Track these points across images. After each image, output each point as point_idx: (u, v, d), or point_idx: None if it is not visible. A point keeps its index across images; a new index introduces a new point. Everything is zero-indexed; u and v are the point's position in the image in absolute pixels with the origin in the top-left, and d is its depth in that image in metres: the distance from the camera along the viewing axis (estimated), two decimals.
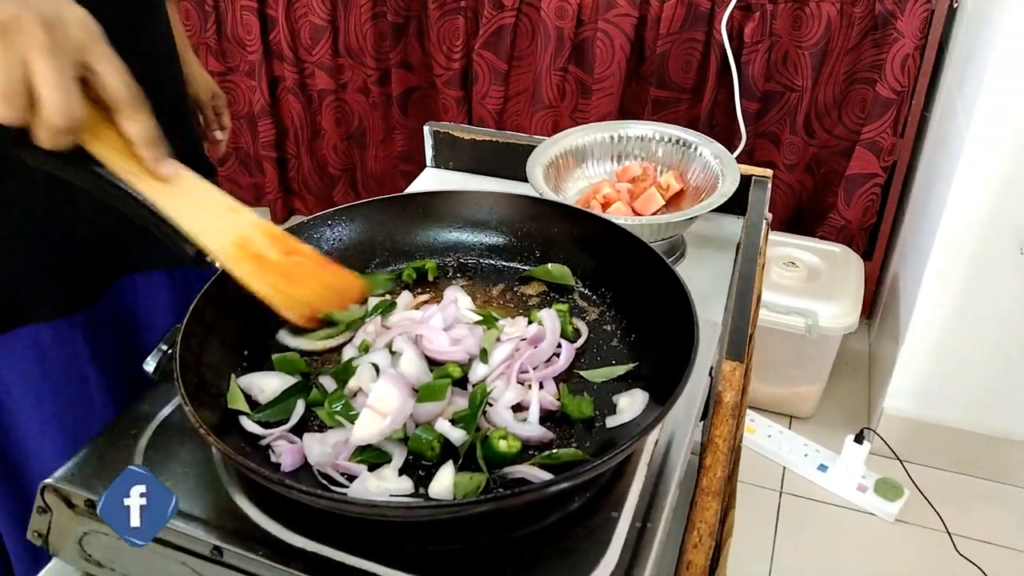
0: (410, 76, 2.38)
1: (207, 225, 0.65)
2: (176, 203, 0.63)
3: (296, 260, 0.71)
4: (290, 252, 0.70)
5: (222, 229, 0.67)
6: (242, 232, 0.68)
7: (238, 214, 0.68)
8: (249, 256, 0.67)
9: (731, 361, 0.80)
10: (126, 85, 0.58)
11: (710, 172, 1.07)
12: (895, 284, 2.09)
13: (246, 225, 0.68)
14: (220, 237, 0.66)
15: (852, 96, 2.02)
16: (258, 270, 0.68)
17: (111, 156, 0.61)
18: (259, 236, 0.69)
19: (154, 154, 0.61)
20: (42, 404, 0.84)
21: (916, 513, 1.82)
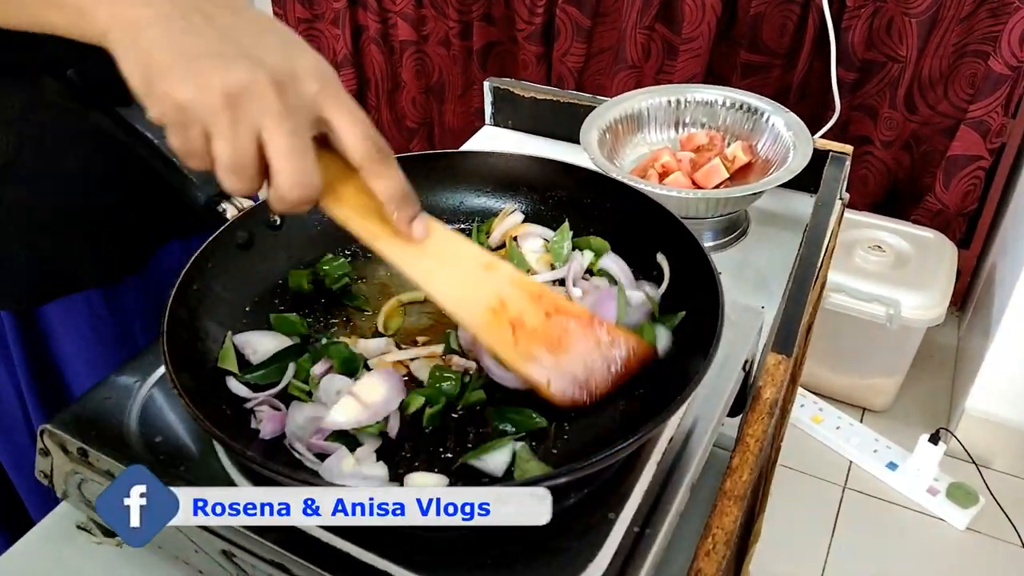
0: (492, 30, 2.32)
1: (456, 289, 0.57)
2: (425, 267, 0.56)
3: (560, 322, 0.59)
4: (554, 311, 0.59)
5: (474, 292, 0.57)
6: (498, 293, 0.58)
7: (494, 272, 0.58)
8: (504, 322, 0.57)
9: (777, 354, 0.74)
10: (367, 138, 0.51)
11: (782, 144, 1.00)
12: (991, 276, 1.95)
13: (503, 285, 0.58)
14: (472, 303, 0.57)
15: (961, 70, 1.86)
16: (512, 338, 0.57)
17: (353, 216, 0.54)
18: (517, 296, 0.58)
19: (405, 214, 0.54)
20: (96, 368, 0.84)
21: (989, 523, 1.70)
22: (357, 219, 0.54)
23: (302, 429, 0.54)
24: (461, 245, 0.59)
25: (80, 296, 0.82)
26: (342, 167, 0.52)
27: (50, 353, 0.84)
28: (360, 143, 0.50)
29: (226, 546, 0.56)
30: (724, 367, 0.66)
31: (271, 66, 0.47)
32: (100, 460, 0.59)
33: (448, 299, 0.56)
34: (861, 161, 2.06)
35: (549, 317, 0.58)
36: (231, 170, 0.48)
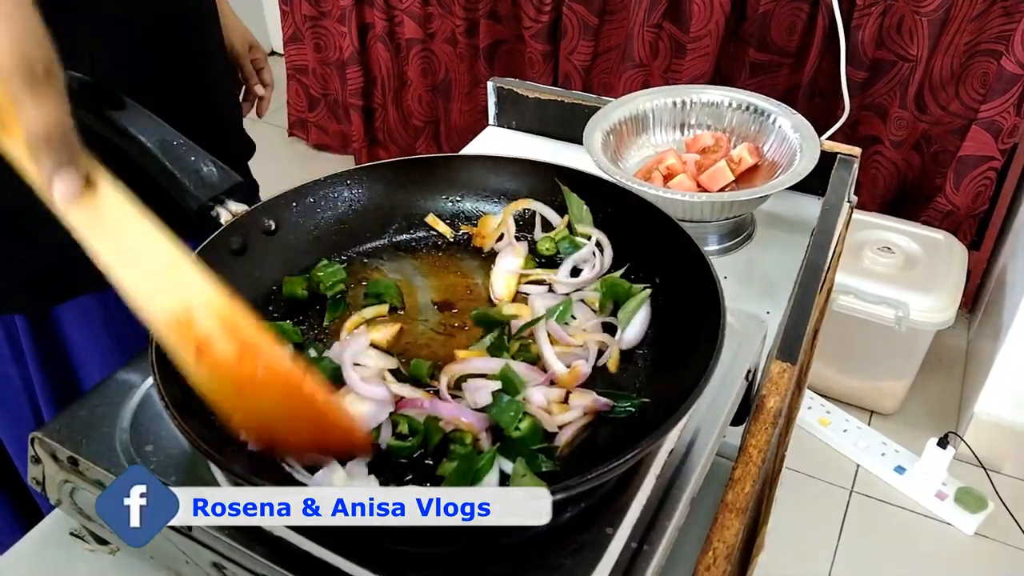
0: (498, 28, 2.31)
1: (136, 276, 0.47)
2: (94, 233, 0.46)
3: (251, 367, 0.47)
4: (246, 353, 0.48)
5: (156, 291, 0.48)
6: (186, 304, 0.47)
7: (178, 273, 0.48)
8: (188, 339, 0.47)
9: (781, 362, 0.73)
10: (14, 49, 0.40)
11: (789, 146, 0.98)
12: (1002, 278, 1.92)
13: (190, 294, 0.48)
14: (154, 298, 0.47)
15: (972, 69, 1.84)
16: (196, 359, 0.48)
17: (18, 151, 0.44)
18: (208, 317, 0.47)
19: (48, 162, 0.43)
20: (109, 367, 0.84)
21: (998, 528, 1.68)
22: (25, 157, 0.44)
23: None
24: (142, 228, 0.47)
25: (94, 296, 0.82)
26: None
27: (63, 353, 0.84)
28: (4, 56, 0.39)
29: (217, 559, 0.55)
30: (727, 376, 0.65)
31: None
32: (90, 469, 0.58)
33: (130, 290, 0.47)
34: (870, 161, 2.04)
35: (242, 357, 0.47)
36: None
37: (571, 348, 0.62)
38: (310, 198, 0.70)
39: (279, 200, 0.69)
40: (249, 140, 1.00)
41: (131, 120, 0.63)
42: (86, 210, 0.45)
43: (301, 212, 0.70)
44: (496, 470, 0.52)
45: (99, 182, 0.46)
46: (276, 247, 0.68)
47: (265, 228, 0.67)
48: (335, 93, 2.76)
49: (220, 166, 0.65)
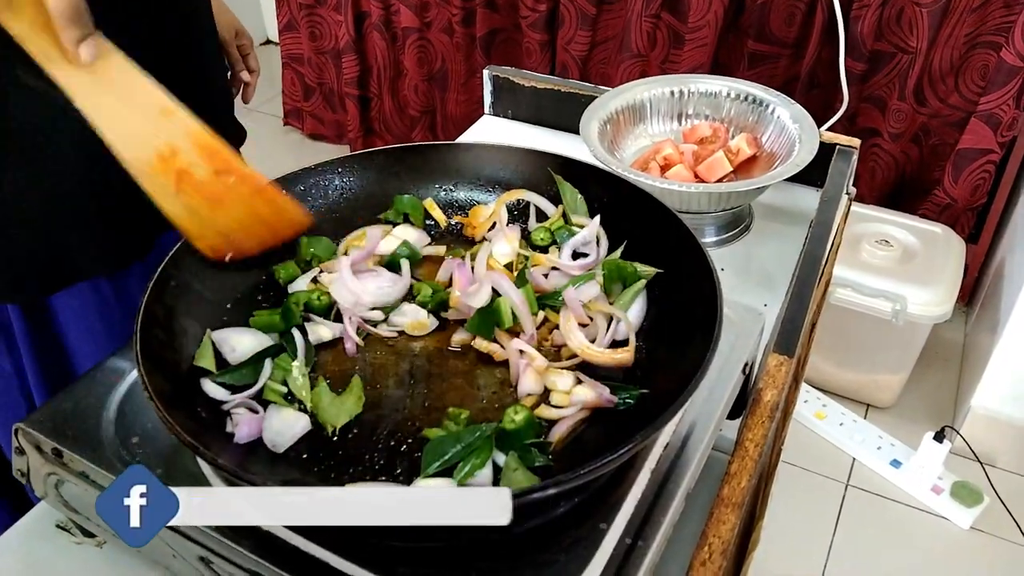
0: (495, 17, 2.29)
1: (127, 127, 0.55)
2: (94, 97, 0.54)
3: (227, 181, 0.59)
4: (224, 171, 0.59)
5: (146, 134, 0.56)
6: (171, 141, 0.57)
7: (171, 118, 0.57)
8: (170, 170, 0.57)
9: (778, 355, 0.72)
10: None
11: (787, 137, 0.97)
12: (1000, 272, 1.91)
13: (178, 132, 0.57)
14: (140, 144, 0.56)
15: (972, 61, 1.83)
16: (175, 187, 0.58)
17: (29, 32, 0.51)
18: (190, 148, 0.58)
19: (74, 33, 0.50)
20: (103, 351, 0.83)
21: (994, 522, 1.68)
22: (33, 36, 0.51)
23: (280, 435, 0.52)
24: (141, 82, 0.56)
25: (87, 284, 0.81)
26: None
27: (58, 342, 0.83)
28: None
29: (204, 553, 0.54)
30: (723, 369, 0.64)
31: None
32: (74, 461, 0.57)
33: (115, 135, 0.55)
34: (869, 153, 2.03)
35: (219, 174, 0.59)
36: None
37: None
38: (300, 186, 0.69)
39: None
40: (240, 127, 0.99)
41: None
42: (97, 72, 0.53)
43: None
44: (490, 464, 0.51)
45: (107, 49, 0.54)
46: None
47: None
48: (330, 82, 2.74)
49: None
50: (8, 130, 0.71)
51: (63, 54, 0.52)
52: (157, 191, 0.58)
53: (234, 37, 1.05)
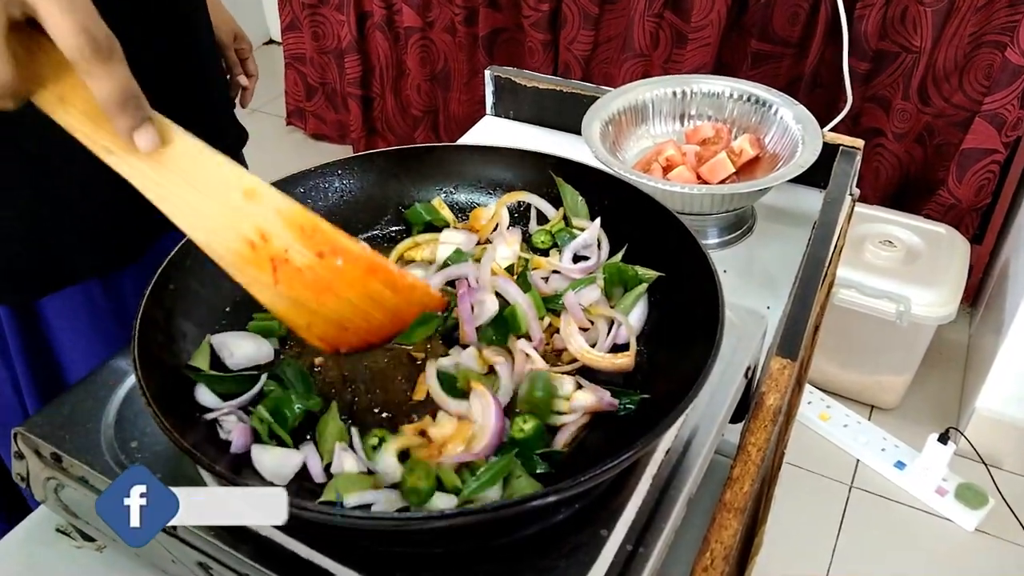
0: (498, 16, 2.28)
1: (206, 216, 0.49)
2: (163, 187, 0.48)
3: (332, 263, 0.50)
4: (327, 251, 0.50)
5: (229, 222, 0.49)
6: (260, 224, 0.49)
7: (256, 199, 0.49)
8: (264, 259, 0.49)
9: (781, 358, 0.71)
10: (80, 30, 0.42)
11: (790, 138, 0.96)
12: (1004, 273, 1.91)
13: (267, 215, 0.49)
14: (225, 234, 0.49)
15: (977, 61, 1.82)
16: (273, 277, 0.50)
17: (78, 122, 0.46)
18: (284, 230, 0.49)
19: (127, 122, 0.46)
20: (95, 354, 0.83)
21: (999, 525, 1.67)
22: (85, 127, 0.46)
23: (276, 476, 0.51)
24: (214, 163, 0.49)
25: (78, 287, 0.80)
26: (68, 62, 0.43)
27: (48, 345, 0.83)
28: (70, 35, 0.42)
29: (202, 558, 0.53)
30: (726, 373, 0.63)
31: None
32: (73, 466, 0.57)
33: (194, 226, 0.48)
34: (873, 154, 2.02)
35: (322, 256, 0.50)
36: None
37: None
38: (300, 188, 0.69)
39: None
40: (241, 128, 0.99)
41: None
42: (162, 159, 0.48)
43: None
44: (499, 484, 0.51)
45: (170, 131, 0.48)
46: None
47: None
48: (333, 82, 2.74)
49: None
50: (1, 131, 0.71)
51: (122, 144, 0.47)
52: (253, 283, 0.51)
53: (232, 41, 1.05)
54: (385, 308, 0.53)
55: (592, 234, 0.68)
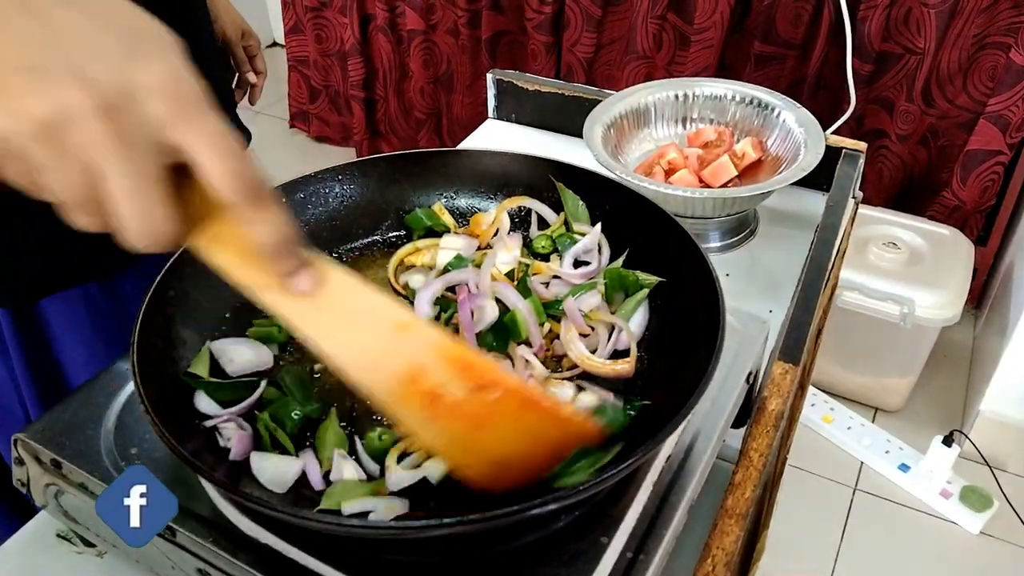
0: (500, 19, 2.29)
1: (361, 353, 0.48)
2: (315, 325, 0.46)
3: (488, 398, 0.48)
4: (483, 385, 0.48)
5: (381, 357, 0.48)
6: (414, 360, 0.48)
7: (409, 333, 0.48)
8: (416, 394, 0.48)
9: (783, 363, 0.71)
10: (234, 174, 0.40)
11: (792, 141, 0.96)
12: (1009, 274, 1.90)
13: (420, 349, 0.48)
14: (377, 369, 0.48)
15: (981, 62, 1.81)
16: (427, 413, 0.48)
17: (232, 263, 0.45)
18: (438, 364, 0.48)
19: (283, 267, 0.44)
20: (95, 357, 0.83)
21: (1004, 527, 1.66)
22: (237, 267, 0.45)
23: (275, 483, 0.51)
24: (367, 299, 0.48)
25: (79, 289, 0.80)
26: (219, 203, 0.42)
27: (49, 348, 0.83)
28: (225, 180, 0.40)
29: (202, 565, 0.53)
30: (728, 378, 0.63)
31: (103, 82, 0.37)
32: (73, 472, 0.57)
33: (349, 365, 0.47)
34: (876, 155, 2.02)
35: (477, 391, 0.48)
36: (72, 208, 0.40)
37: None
38: (300, 194, 0.68)
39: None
40: (244, 129, 0.99)
41: None
42: (317, 298, 0.46)
43: (291, 208, 0.68)
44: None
45: (326, 270, 0.47)
46: None
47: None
48: (336, 84, 2.74)
49: None
50: None
51: (276, 286, 0.45)
52: (406, 419, 0.49)
53: (240, 38, 1.04)
54: (543, 441, 0.51)
55: (592, 239, 0.68)
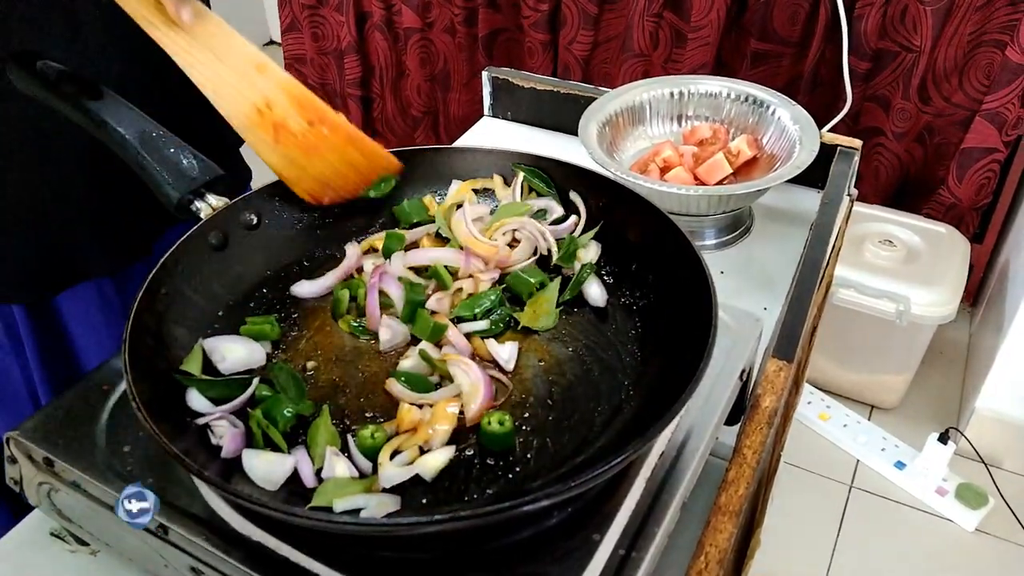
0: (497, 17, 2.28)
1: (226, 84, 0.60)
2: (192, 55, 0.59)
3: (320, 131, 0.64)
4: (317, 121, 0.64)
5: (243, 90, 0.61)
6: (267, 95, 0.62)
7: (265, 73, 0.62)
8: (267, 123, 0.62)
9: (777, 360, 0.71)
10: None
11: (787, 138, 0.96)
12: (1004, 272, 1.90)
13: (272, 87, 0.62)
14: (239, 99, 0.61)
15: (977, 60, 1.81)
16: (274, 139, 0.63)
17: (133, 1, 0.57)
18: (285, 100, 0.62)
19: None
20: (107, 351, 0.83)
21: (999, 524, 1.67)
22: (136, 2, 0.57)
23: (267, 481, 0.51)
24: (236, 41, 0.61)
25: (90, 284, 0.81)
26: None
27: (62, 340, 0.83)
28: None
29: (194, 563, 0.53)
30: (721, 375, 0.63)
31: None
32: (66, 471, 0.57)
33: (216, 93, 0.60)
34: (872, 153, 2.02)
35: (312, 125, 0.63)
36: None
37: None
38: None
39: (261, 194, 0.67)
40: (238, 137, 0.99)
41: (108, 111, 0.62)
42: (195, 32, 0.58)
43: (284, 206, 0.68)
44: None
45: (203, 10, 0.60)
46: (257, 242, 0.66)
47: (246, 222, 0.65)
48: (333, 82, 2.74)
49: (201, 159, 0.63)
50: (12, 132, 0.71)
51: (163, 18, 0.56)
52: (258, 144, 0.63)
53: None
54: (358, 170, 0.67)
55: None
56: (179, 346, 0.58)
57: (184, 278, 0.60)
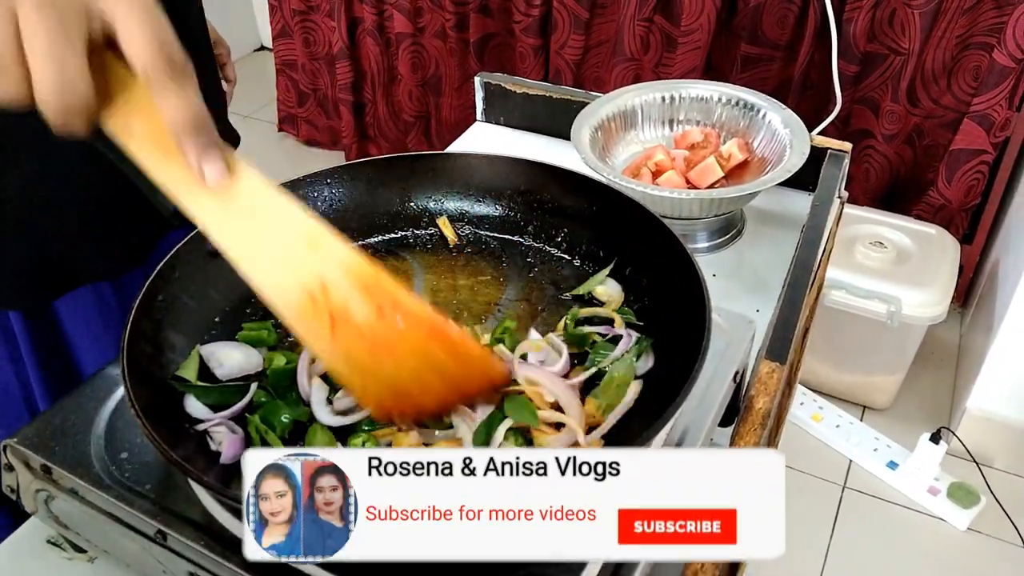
0: (489, 22, 2.29)
1: (268, 263, 0.46)
2: (226, 226, 0.46)
3: (392, 323, 0.47)
4: (388, 309, 0.47)
5: (291, 271, 0.47)
6: (321, 274, 0.47)
7: (319, 249, 0.47)
8: (323, 312, 0.47)
9: (770, 362, 0.72)
10: (155, 45, 0.41)
11: (778, 142, 0.97)
12: (994, 273, 1.92)
13: (329, 265, 0.47)
14: (285, 283, 0.47)
15: (964, 63, 1.83)
16: (331, 333, 0.47)
17: (146, 149, 0.44)
18: (345, 282, 0.47)
19: (195, 147, 0.44)
20: (103, 354, 0.83)
21: (991, 523, 1.68)
22: (151, 154, 0.44)
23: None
24: (280, 207, 0.47)
25: (89, 288, 0.80)
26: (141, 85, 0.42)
27: (61, 348, 0.83)
28: (145, 49, 0.40)
29: (192, 568, 0.53)
30: (714, 377, 0.63)
31: None
32: (63, 478, 0.57)
33: (255, 272, 0.46)
34: (862, 155, 2.03)
35: (382, 313, 0.47)
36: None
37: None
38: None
39: None
40: (233, 131, 0.99)
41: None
42: (227, 196, 0.45)
43: None
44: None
45: (237, 164, 0.46)
46: None
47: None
48: (324, 88, 2.74)
49: None
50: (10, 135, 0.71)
51: (188, 177, 0.44)
52: (311, 339, 0.48)
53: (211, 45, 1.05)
54: (446, 377, 0.49)
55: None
56: (176, 353, 0.58)
57: (181, 285, 0.60)
